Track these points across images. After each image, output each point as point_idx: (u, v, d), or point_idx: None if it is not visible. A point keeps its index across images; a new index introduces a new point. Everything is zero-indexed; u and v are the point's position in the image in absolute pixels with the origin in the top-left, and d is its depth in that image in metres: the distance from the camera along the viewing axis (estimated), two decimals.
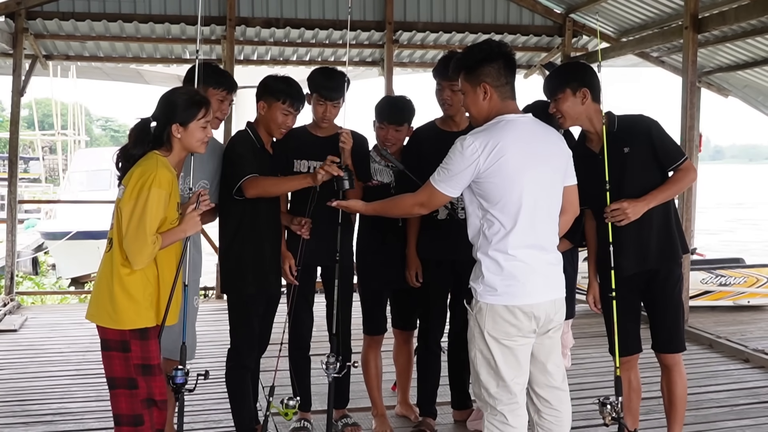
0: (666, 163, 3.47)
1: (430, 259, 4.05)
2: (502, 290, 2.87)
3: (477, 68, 2.95)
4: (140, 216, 2.94)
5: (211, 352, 5.51)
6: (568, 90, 3.37)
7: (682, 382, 3.60)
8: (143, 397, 3.10)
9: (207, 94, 3.46)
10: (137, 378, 3.08)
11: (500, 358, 2.89)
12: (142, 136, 3.11)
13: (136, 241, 2.95)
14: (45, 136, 30.84)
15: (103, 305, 3.06)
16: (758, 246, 22.09)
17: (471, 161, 2.84)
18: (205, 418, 4.42)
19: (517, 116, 2.95)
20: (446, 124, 4.04)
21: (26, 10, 7.72)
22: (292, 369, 4.04)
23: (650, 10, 7.95)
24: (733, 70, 8.53)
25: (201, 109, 3.15)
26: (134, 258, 2.97)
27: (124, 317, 3.03)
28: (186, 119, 3.11)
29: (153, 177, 2.97)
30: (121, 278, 3.02)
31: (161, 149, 3.12)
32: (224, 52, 8.21)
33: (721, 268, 7.74)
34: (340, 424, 4.20)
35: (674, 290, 3.54)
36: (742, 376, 5.42)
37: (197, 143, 3.18)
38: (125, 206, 2.98)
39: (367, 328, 4.29)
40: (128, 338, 3.06)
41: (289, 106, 3.71)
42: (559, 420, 3.05)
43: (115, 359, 3.08)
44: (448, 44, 8.79)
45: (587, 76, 3.45)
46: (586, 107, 3.40)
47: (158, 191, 2.97)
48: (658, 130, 3.46)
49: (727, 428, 4.38)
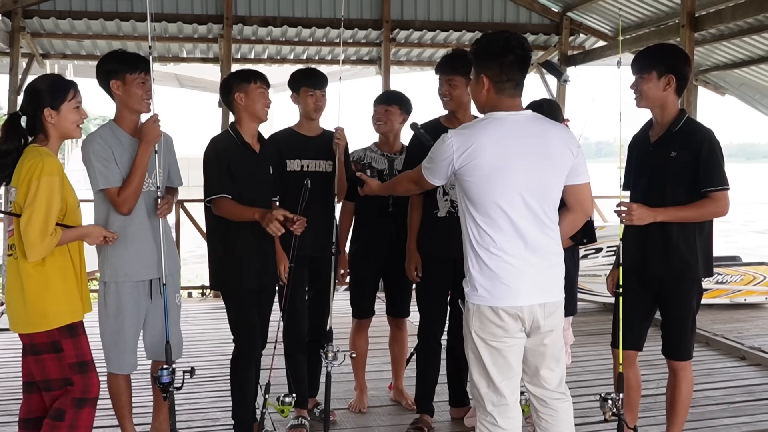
0: (704, 182, 3.33)
1: (430, 256, 4.06)
2: (485, 291, 2.82)
3: (482, 59, 2.90)
4: (34, 206, 2.92)
5: (211, 350, 5.52)
6: (654, 72, 3.34)
7: (686, 387, 3.58)
8: (76, 396, 3.09)
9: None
10: (72, 377, 3.08)
11: (488, 360, 2.85)
12: (13, 129, 3.09)
13: (33, 231, 2.92)
14: None
15: (21, 313, 3.04)
16: (755, 244, 22.11)
17: (447, 156, 2.82)
18: (203, 416, 4.42)
19: (509, 113, 2.85)
20: (450, 122, 4.05)
21: (23, 8, 7.72)
22: (288, 365, 4.06)
23: (647, 9, 7.96)
24: (730, 69, 8.54)
25: (69, 91, 3.14)
26: (31, 249, 2.93)
27: (50, 317, 3.02)
28: (55, 102, 3.09)
29: (40, 166, 2.95)
30: (33, 280, 2.99)
31: (38, 141, 3.11)
32: (221, 51, 8.21)
33: (717, 266, 7.74)
34: (316, 411, 4.31)
35: (681, 303, 3.50)
36: (738, 374, 5.43)
37: (72, 125, 3.15)
38: (19, 201, 2.96)
39: (355, 312, 4.47)
40: (57, 338, 3.05)
41: (262, 84, 3.73)
42: (555, 420, 2.98)
43: (48, 361, 3.07)
44: (445, 42, 8.80)
45: (678, 63, 3.41)
46: (666, 94, 3.36)
47: (48, 178, 2.96)
48: (711, 149, 3.34)
49: (723, 425, 4.38)
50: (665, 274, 3.48)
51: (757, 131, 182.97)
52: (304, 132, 4.12)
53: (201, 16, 8.12)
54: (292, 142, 4.06)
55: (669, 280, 3.49)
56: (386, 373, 4.87)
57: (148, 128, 3.40)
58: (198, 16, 8.12)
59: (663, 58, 3.41)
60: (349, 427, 4.33)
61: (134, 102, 3.45)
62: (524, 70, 2.91)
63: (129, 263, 3.44)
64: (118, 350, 3.48)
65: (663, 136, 3.44)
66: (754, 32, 7.26)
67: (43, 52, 8.56)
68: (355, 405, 4.56)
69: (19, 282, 3.02)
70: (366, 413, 4.49)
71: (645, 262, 3.49)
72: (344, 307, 4.05)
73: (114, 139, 3.44)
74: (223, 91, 3.82)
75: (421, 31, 8.63)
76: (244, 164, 3.69)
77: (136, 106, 3.46)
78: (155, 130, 3.40)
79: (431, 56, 9.24)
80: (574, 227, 3.11)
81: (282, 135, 4.12)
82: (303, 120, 4.15)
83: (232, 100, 3.73)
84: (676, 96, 3.40)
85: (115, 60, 3.50)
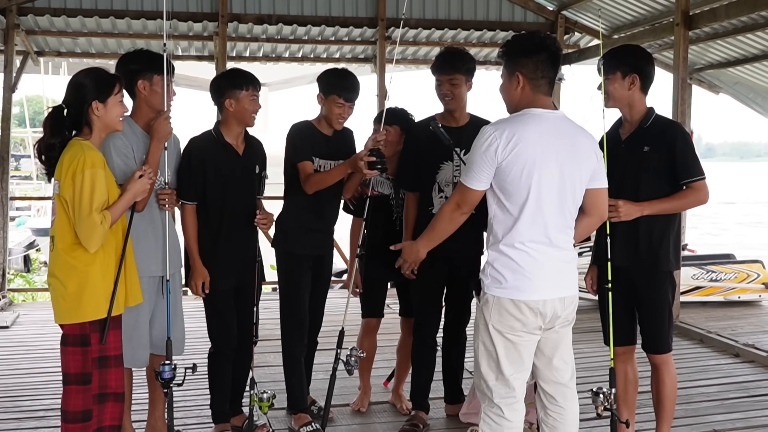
0: (682, 174, 3.41)
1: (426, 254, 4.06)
2: (508, 283, 2.85)
3: (516, 57, 2.94)
4: (81, 199, 2.98)
5: (206, 348, 5.50)
6: (619, 73, 3.39)
7: (670, 381, 3.60)
8: (95, 392, 3.11)
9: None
10: (92, 372, 3.10)
11: (502, 352, 2.88)
12: (59, 123, 3.12)
13: (86, 224, 2.98)
14: (36, 134, 30.69)
15: (60, 303, 3.08)
16: (750, 242, 22.18)
17: (491, 149, 2.82)
18: (198, 413, 4.42)
19: (545, 111, 2.91)
20: (446, 120, 4.04)
21: (17, 6, 7.69)
22: (286, 366, 4.08)
23: (641, 7, 7.98)
24: (724, 67, 8.57)
25: (116, 84, 3.18)
26: (87, 241, 3.00)
27: (84, 309, 3.05)
28: (102, 95, 3.12)
29: (82, 160, 3.00)
30: (72, 272, 3.03)
31: (81, 134, 3.13)
32: (216, 49, 8.20)
33: (711, 264, 7.78)
34: (314, 409, 4.33)
35: (654, 296, 3.54)
36: (732, 371, 5.46)
37: (116, 118, 3.19)
38: (66, 196, 3.01)
39: (365, 311, 4.42)
40: (88, 331, 3.08)
41: (254, 91, 3.76)
42: (563, 417, 3.02)
43: (71, 354, 3.09)
44: (440, 41, 8.81)
45: (641, 63, 3.46)
46: (631, 93, 3.41)
47: (92, 171, 3.00)
48: (685, 142, 3.44)
49: (717, 422, 4.40)
50: (634, 267, 3.50)
51: (751, 130, 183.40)
52: (323, 130, 4.01)
53: (196, 14, 8.12)
54: (312, 138, 3.95)
55: (640, 274, 3.52)
56: (383, 370, 4.88)
57: (159, 125, 3.41)
58: (193, 13, 8.11)
59: (626, 58, 3.48)
60: (346, 424, 4.34)
61: (158, 102, 3.48)
62: (556, 67, 2.97)
63: (140, 260, 3.42)
64: (132, 345, 3.49)
65: (634, 133, 3.49)
66: (749, 31, 7.29)
67: (37, 50, 8.53)
68: (357, 404, 4.52)
69: (59, 272, 3.06)
70: (364, 411, 4.49)
71: (615, 257, 3.48)
72: (342, 306, 4.05)
73: (132, 135, 3.46)
74: (213, 91, 3.82)
75: (416, 29, 8.63)
76: (224, 165, 3.71)
77: (159, 106, 3.48)
78: (167, 127, 3.42)
79: (426, 54, 9.24)
80: (589, 231, 3.16)
81: (302, 128, 4.00)
82: (323, 119, 4.01)
83: (221, 103, 3.75)
84: (643, 94, 3.47)
85: (142, 59, 3.53)
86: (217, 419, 4.01)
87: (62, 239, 3.07)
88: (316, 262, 4.07)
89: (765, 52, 7.86)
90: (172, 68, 3.51)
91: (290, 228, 3.99)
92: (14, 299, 8.12)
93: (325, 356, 4.41)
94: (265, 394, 3.65)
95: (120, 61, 3.59)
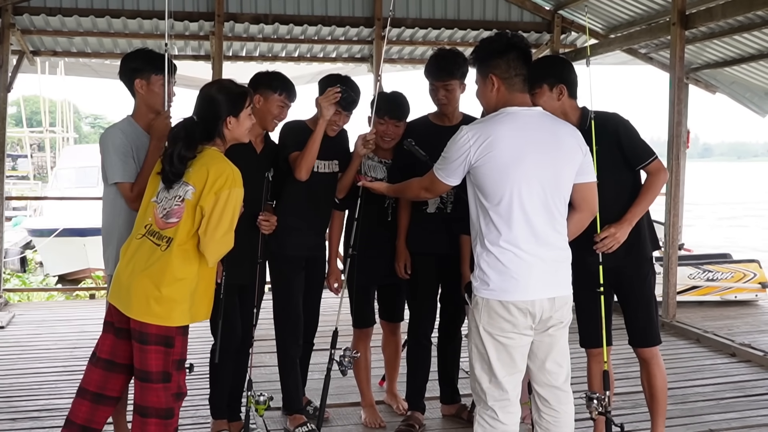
0: (634, 162, 3.46)
1: (419, 253, 4.06)
2: (495, 285, 2.84)
3: (487, 60, 2.96)
4: (222, 217, 3.00)
5: (204, 348, 5.49)
6: (545, 86, 3.38)
7: (661, 374, 3.60)
8: (174, 391, 3.10)
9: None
10: (172, 372, 3.08)
11: (493, 355, 2.86)
12: (193, 136, 3.13)
13: (220, 242, 3.01)
14: (33, 134, 30.65)
15: (149, 303, 3.00)
16: (746, 242, 22.21)
17: (463, 151, 2.86)
18: (193, 414, 4.41)
19: (521, 109, 2.92)
20: (439, 119, 4.05)
21: (13, 5, 7.66)
22: (285, 371, 4.07)
23: (638, 7, 7.98)
24: (721, 67, 8.57)
25: (247, 98, 3.24)
26: (214, 256, 3.05)
27: (175, 315, 3.03)
28: (236, 110, 3.18)
29: (231, 177, 3.03)
30: (177, 279, 3.00)
31: (216, 145, 3.17)
32: (213, 48, 8.18)
33: (708, 264, 7.79)
34: (309, 409, 4.32)
35: (643, 286, 3.54)
36: (728, 370, 5.46)
37: (245, 131, 3.27)
38: (206, 206, 3.00)
39: (356, 322, 4.30)
40: (173, 334, 3.06)
41: (285, 99, 3.82)
42: (557, 421, 3.00)
43: (153, 353, 3.03)
44: (437, 40, 8.80)
45: (564, 72, 3.47)
46: (561, 103, 3.40)
47: (238, 191, 3.05)
48: (626, 130, 3.47)
49: (713, 421, 4.40)
50: (626, 262, 3.47)
51: (748, 130, 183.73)
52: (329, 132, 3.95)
53: (192, 13, 8.09)
54: (303, 135, 3.89)
55: (629, 267, 3.50)
56: (377, 370, 4.87)
57: (159, 124, 3.40)
58: (189, 13, 8.09)
59: (548, 70, 3.47)
60: (341, 425, 4.33)
61: (156, 102, 3.48)
62: (528, 64, 2.99)
63: None
64: None
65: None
66: (745, 30, 7.29)
67: (33, 50, 8.50)
68: (372, 421, 4.25)
69: (162, 275, 2.99)
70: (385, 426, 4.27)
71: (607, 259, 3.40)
72: (335, 306, 4.04)
73: (133, 134, 3.46)
74: (249, 83, 3.79)
75: (413, 29, 8.62)
76: (241, 162, 3.66)
77: (158, 106, 3.48)
78: (167, 126, 3.39)
79: (423, 54, 9.23)
80: (581, 227, 3.13)
81: (294, 128, 3.98)
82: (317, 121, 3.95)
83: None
84: (572, 99, 3.46)
85: (141, 59, 3.53)
86: (215, 414, 3.99)
87: (181, 244, 3.01)
88: (309, 263, 4.05)
89: (761, 52, 7.87)
90: (174, 68, 3.50)
91: (282, 229, 3.97)
92: (10, 299, 8.12)
93: (321, 356, 4.40)
94: (262, 396, 3.64)
95: (122, 60, 3.59)
